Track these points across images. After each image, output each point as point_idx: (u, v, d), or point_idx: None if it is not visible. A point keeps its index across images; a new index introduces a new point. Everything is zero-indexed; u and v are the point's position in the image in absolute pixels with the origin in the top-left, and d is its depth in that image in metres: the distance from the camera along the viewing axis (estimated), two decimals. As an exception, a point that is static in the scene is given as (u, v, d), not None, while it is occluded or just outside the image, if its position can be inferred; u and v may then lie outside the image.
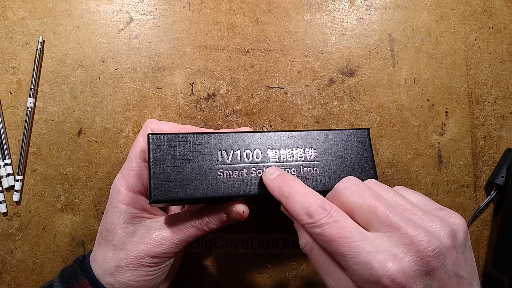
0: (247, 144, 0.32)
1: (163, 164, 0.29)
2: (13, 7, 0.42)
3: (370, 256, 0.22)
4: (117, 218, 0.31)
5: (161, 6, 0.42)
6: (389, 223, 0.23)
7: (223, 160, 0.31)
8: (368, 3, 0.44)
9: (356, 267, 0.22)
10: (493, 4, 0.44)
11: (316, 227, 0.24)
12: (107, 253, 0.31)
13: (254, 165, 0.31)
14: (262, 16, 0.43)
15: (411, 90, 0.43)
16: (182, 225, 0.31)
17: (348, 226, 0.23)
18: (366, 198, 0.24)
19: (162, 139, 0.30)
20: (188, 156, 0.30)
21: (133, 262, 0.30)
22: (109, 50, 0.42)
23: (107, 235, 0.32)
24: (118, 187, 0.32)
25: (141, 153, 0.32)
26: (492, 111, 0.43)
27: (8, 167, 0.40)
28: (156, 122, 0.33)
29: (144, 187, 0.32)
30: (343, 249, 0.23)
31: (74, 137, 0.41)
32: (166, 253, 0.31)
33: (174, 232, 0.31)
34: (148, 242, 0.30)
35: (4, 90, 0.41)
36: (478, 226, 0.43)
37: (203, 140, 0.31)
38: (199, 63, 0.42)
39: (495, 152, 0.43)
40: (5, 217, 0.40)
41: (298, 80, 0.43)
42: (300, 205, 0.25)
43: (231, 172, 0.30)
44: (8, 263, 0.40)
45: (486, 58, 0.43)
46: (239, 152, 0.31)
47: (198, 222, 0.31)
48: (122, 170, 0.32)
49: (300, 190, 0.26)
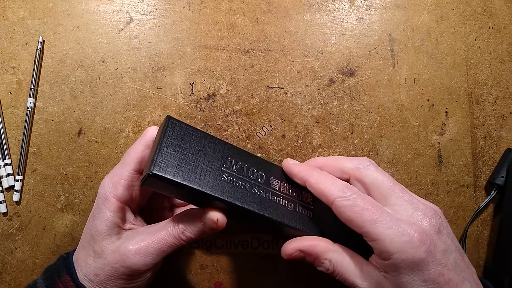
0: (255, 165, 0.33)
1: (173, 147, 0.29)
2: (13, 7, 0.42)
3: (400, 222, 0.27)
4: (101, 225, 0.31)
5: (161, 6, 0.42)
6: (404, 199, 0.29)
7: (230, 166, 0.31)
8: (368, 3, 0.44)
9: (388, 231, 0.26)
10: (493, 4, 0.44)
11: (348, 199, 0.28)
12: (88, 258, 0.31)
13: (256, 184, 0.32)
14: (262, 16, 0.43)
15: (411, 90, 0.43)
16: (158, 234, 0.30)
17: (374, 201, 0.28)
18: (386, 176, 0.30)
19: (181, 127, 0.30)
20: (199, 151, 0.30)
21: (110, 273, 0.30)
22: (109, 50, 0.42)
23: (90, 240, 0.31)
24: (106, 194, 0.31)
25: (138, 164, 0.31)
26: (492, 111, 0.43)
27: (8, 167, 0.40)
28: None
29: (131, 198, 0.32)
30: (375, 216, 0.27)
31: (74, 137, 0.41)
32: (142, 264, 0.30)
33: (151, 242, 0.30)
34: (124, 252, 0.30)
35: (4, 90, 0.41)
36: (478, 226, 0.43)
37: (217, 144, 0.32)
38: (199, 63, 0.42)
39: (495, 152, 0.43)
40: (5, 217, 0.40)
41: (298, 80, 0.43)
42: (331, 184, 0.29)
43: (235, 180, 0.31)
44: (8, 263, 0.40)
45: (486, 58, 0.43)
46: (246, 167, 0.32)
47: (174, 230, 0.30)
48: (113, 175, 0.32)
49: (328, 175, 0.31)
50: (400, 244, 0.26)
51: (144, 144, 0.31)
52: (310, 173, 0.31)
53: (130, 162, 0.31)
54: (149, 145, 0.31)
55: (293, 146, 0.42)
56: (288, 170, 0.33)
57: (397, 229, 0.26)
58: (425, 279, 0.26)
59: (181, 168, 0.28)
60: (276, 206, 0.32)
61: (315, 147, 0.42)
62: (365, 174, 0.30)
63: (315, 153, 0.42)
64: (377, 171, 0.30)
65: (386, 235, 0.26)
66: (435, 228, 0.27)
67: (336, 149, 0.42)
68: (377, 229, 0.26)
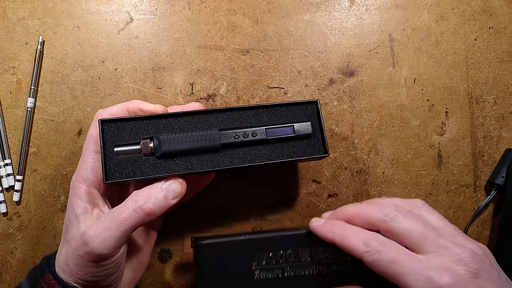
0: (282, 245, 0.34)
1: (209, 270, 0.33)
2: (13, 7, 0.42)
3: (429, 272, 0.26)
4: (71, 214, 0.31)
5: (161, 6, 0.42)
6: (438, 245, 0.27)
7: (259, 262, 0.33)
8: (368, 3, 0.44)
9: (417, 284, 0.26)
10: (493, 4, 0.44)
11: (374, 253, 0.27)
12: (62, 248, 0.31)
13: (288, 265, 0.33)
14: (262, 16, 0.43)
15: (411, 90, 0.43)
16: (117, 213, 0.29)
17: (402, 249, 0.28)
18: (416, 224, 0.28)
19: (210, 246, 0.33)
20: (229, 261, 0.33)
21: (77, 261, 0.29)
22: (109, 50, 0.42)
23: (65, 231, 0.31)
24: (73, 182, 0.31)
25: (94, 144, 0.32)
26: (492, 111, 0.43)
27: (8, 167, 0.40)
28: (105, 110, 0.33)
29: (98, 179, 0.32)
30: (403, 269, 0.26)
31: (74, 137, 0.41)
32: (102, 248, 0.28)
33: (109, 223, 0.28)
34: (85, 237, 0.28)
35: (4, 90, 0.41)
36: (478, 226, 0.43)
37: (242, 245, 0.33)
38: (199, 63, 0.42)
39: (495, 152, 0.43)
40: (5, 217, 0.40)
41: (298, 80, 0.43)
42: (355, 239, 0.29)
43: (266, 273, 0.33)
44: (8, 263, 0.40)
45: (486, 58, 0.43)
46: (272, 254, 0.34)
47: (134, 204, 0.29)
48: (78, 166, 0.32)
49: (351, 228, 0.30)
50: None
51: (95, 124, 0.32)
52: (333, 232, 0.31)
53: (87, 146, 0.32)
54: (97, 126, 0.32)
55: (293, 146, 0.42)
56: (314, 233, 0.33)
57: (425, 280, 0.26)
58: None
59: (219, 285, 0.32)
60: (309, 278, 0.33)
61: (315, 147, 0.42)
62: (393, 227, 0.29)
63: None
64: (405, 220, 0.29)
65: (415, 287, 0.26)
66: (472, 273, 0.26)
67: (336, 149, 0.42)
68: (405, 282, 0.26)
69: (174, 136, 0.31)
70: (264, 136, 0.33)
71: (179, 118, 0.32)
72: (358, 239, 0.29)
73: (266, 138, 0.33)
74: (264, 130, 0.33)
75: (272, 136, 0.33)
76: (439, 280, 0.25)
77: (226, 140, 0.32)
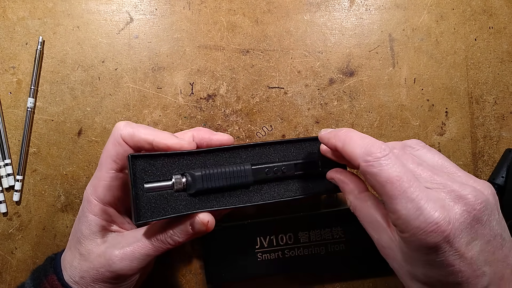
0: (282, 227, 0.38)
1: (217, 254, 0.38)
2: (13, 7, 0.42)
3: (421, 203, 0.23)
4: (85, 229, 0.30)
5: (161, 6, 0.42)
6: (434, 183, 0.25)
7: (261, 245, 0.38)
8: (368, 3, 0.44)
9: (405, 211, 0.24)
10: (493, 4, 0.44)
11: (373, 166, 0.25)
12: (74, 260, 0.31)
13: (288, 247, 0.38)
14: (262, 16, 0.43)
15: (411, 90, 0.43)
16: (145, 239, 0.30)
17: (406, 170, 0.25)
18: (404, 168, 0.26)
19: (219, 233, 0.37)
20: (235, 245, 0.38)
21: (95, 276, 0.30)
22: (109, 50, 0.42)
23: (76, 242, 0.31)
24: (88, 196, 0.31)
25: (112, 163, 0.30)
26: (492, 111, 0.43)
27: (8, 167, 0.40)
28: (126, 127, 0.30)
29: (115, 198, 0.31)
30: (397, 192, 0.24)
31: (74, 137, 0.41)
32: (128, 269, 0.29)
33: (137, 247, 0.29)
34: (110, 257, 0.29)
35: (4, 90, 0.41)
36: (478, 226, 0.43)
37: (245, 229, 0.38)
38: (199, 63, 0.42)
39: (495, 152, 0.43)
40: (5, 217, 0.40)
41: (298, 80, 0.43)
42: (359, 145, 0.26)
43: (268, 255, 0.38)
44: (8, 263, 0.40)
45: (486, 58, 0.43)
46: (274, 237, 0.38)
47: (162, 235, 0.30)
48: (93, 178, 0.31)
49: (358, 134, 0.27)
50: (414, 227, 0.23)
51: (113, 141, 0.30)
52: (337, 136, 0.28)
53: (105, 163, 0.30)
54: (119, 142, 0.30)
55: (293, 146, 0.42)
56: (321, 141, 0.31)
57: (415, 211, 0.23)
58: (430, 262, 0.24)
59: (226, 269, 0.37)
60: (308, 259, 0.38)
61: (315, 147, 0.42)
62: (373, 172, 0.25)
63: (315, 153, 0.42)
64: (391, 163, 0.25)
65: (401, 214, 0.24)
66: (471, 215, 0.23)
67: (336, 149, 0.42)
68: (394, 206, 0.24)
69: (208, 172, 0.30)
70: (294, 171, 0.33)
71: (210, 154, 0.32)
72: (363, 143, 0.26)
73: (295, 174, 0.33)
74: (293, 165, 0.33)
75: (300, 171, 0.34)
76: (429, 215, 0.23)
77: (258, 177, 0.32)
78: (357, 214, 0.30)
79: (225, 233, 0.37)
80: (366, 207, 0.29)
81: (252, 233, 0.37)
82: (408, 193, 0.24)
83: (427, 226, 0.23)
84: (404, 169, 0.25)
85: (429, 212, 0.23)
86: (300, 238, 0.37)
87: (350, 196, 0.30)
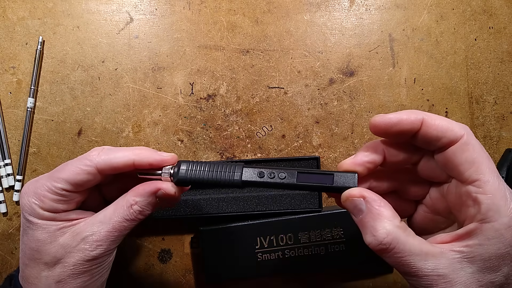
0: (282, 228, 0.38)
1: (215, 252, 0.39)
2: (13, 7, 0.42)
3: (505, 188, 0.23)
4: (41, 234, 0.27)
5: (161, 6, 0.42)
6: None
7: (261, 245, 0.38)
8: (368, 3, 0.44)
9: (498, 192, 0.22)
10: (493, 4, 0.44)
11: (472, 145, 0.23)
12: (41, 272, 0.28)
13: (288, 247, 0.38)
14: (262, 16, 0.43)
15: (411, 90, 0.43)
16: (112, 220, 0.28)
17: None
18: None
19: (213, 232, 0.38)
20: (234, 244, 0.38)
21: (74, 272, 0.28)
22: (109, 50, 0.42)
23: (33, 254, 0.28)
24: (32, 206, 0.27)
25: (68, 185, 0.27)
26: (492, 111, 0.43)
27: (8, 167, 0.40)
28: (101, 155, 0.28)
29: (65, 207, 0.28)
30: (489, 171, 0.23)
31: (74, 137, 0.41)
32: (105, 252, 0.28)
33: (107, 229, 0.28)
34: (84, 248, 0.27)
35: (4, 90, 0.41)
36: (478, 226, 0.43)
37: (245, 229, 0.38)
38: (199, 63, 0.42)
39: (495, 152, 0.43)
40: (5, 217, 0.40)
41: (298, 80, 0.43)
42: (453, 122, 0.24)
43: (268, 255, 0.38)
44: (8, 263, 0.40)
45: (486, 58, 0.43)
46: (274, 237, 0.39)
47: (127, 208, 0.28)
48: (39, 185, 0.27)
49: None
50: (510, 209, 0.21)
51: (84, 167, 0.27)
52: (422, 113, 0.24)
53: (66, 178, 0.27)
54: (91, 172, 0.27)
55: (293, 146, 0.42)
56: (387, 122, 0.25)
57: (505, 192, 0.22)
58: None
59: (225, 270, 0.38)
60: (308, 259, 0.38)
61: (315, 147, 0.42)
62: None
63: (315, 153, 0.42)
64: None
65: (498, 192, 0.22)
66: None
67: (336, 149, 0.42)
68: (488, 185, 0.22)
69: (196, 164, 0.29)
70: (294, 181, 0.27)
71: None
72: (456, 123, 0.24)
73: (296, 183, 0.27)
74: (296, 173, 0.27)
75: (303, 183, 0.27)
76: None
77: (248, 178, 0.28)
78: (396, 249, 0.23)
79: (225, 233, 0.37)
80: (408, 236, 0.23)
81: (252, 233, 0.37)
82: (496, 175, 0.23)
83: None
84: None
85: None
86: (300, 238, 0.37)
87: (387, 224, 0.23)
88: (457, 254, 0.22)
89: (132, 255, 0.41)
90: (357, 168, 0.26)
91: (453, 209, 0.25)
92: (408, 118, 0.24)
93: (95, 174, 0.27)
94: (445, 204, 0.26)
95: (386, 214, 0.24)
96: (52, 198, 0.27)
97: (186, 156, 0.42)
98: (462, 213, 0.24)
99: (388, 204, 0.24)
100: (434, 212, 0.27)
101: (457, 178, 0.24)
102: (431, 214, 0.27)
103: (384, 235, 0.23)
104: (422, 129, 0.24)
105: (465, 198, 0.23)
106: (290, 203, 0.39)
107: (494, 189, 0.22)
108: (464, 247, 0.22)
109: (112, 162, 0.27)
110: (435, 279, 0.22)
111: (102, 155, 0.27)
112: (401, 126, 0.24)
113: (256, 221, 0.38)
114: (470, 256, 0.22)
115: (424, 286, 0.23)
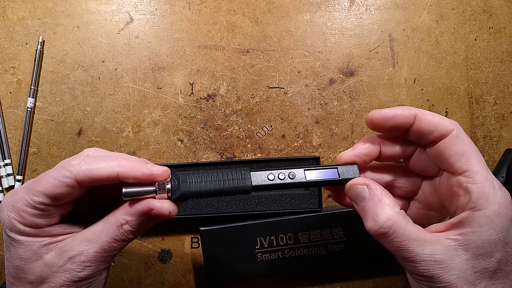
0: (282, 228, 0.38)
1: (215, 254, 0.38)
2: (13, 7, 0.42)
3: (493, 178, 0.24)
4: (24, 252, 0.26)
5: (161, 6, 0.42)
6: None
7: (261, 245, 0.38)
8: (368, 3, 0.44)
9: (486, 181, 0.23)
10: (493, 4, 0.44)
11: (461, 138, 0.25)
12: None
13: (288, 247, 0.38)
14: (262, 16, 0.43)
15: (411, 90, 0.43)
16: (101, 240, 0.26)
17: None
18: None
19: (214, 231, 0.38)
20: (233, 245, 0.38)
21: None
22: (109, 50, 0.42)
23: (17, 272, 0.26)
24: (12, 222, 0.25)
25: (45, 198, 0.25)
26: (492, 111, 0.43)
27: (8, 167, 0.40)
28: (81, 166, 0.25)
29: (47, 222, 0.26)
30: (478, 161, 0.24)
31: (74, 137, 0.41)
32: (93, 273, 0.26)
33: (95, 249, 0.26)
34: (71, 268, 0.25)
35: (4, 90, 0.41)
36: (478, 226, 0.43)
37: (245, 229, 0.38)
38: (199, 63, 0.42)
39: (495, 152, 0.43)
40: (5, 217, 0.40)
41: (298, 80, 0.43)
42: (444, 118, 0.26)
43: (268, 255, 0.38)
44: (8, 263, 0.40)
45: (486, 58, 0.43)
46: (274, 237, 0.38)
47: (116, 228, 0.26)
48: (17, 199, 0.25)
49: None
50: (499, 197, 0.23)
51: (62, 179, 0.24)
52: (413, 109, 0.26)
53: (44, 191, 0.25)
54: (70, 184, 0.24)
55: (293, 146, 0.42)
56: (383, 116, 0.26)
57: (493, 182, 0.23)
58: None
59: (226, 270, 0.38)
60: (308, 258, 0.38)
61: (315, 147, 0.42)
62: None
63: (315, 153, 0.42)
64: None
65: (487, 181, 0.23)
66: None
67: (336, 149, 0.42)
68: (477, 175, 0.23)
69: (197, 175, 0.26)
70: (304, 179, 0.27)
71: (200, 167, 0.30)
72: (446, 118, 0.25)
73: (306, 181, 0.27)
74: (303, 171, 0.27)
75: (313, 179, 0.27)
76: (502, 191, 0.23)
77: (259, 182, 0.26)
78: (396, 233, 0.24)
79: (225, 233, 0.37)
80: (407, 222, 0.24)
81: (252, 233, 0.37)
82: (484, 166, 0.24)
83: (506, 201, 0.23)
84: None
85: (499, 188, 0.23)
86: (300, 238, 0.37)
87: (388, 210, 0.24)
88: (452, 242, 0.23)
89: (132, 255, 0.41)
90: (356, 160, 0.27)
91: (445, 201, 0.26)
92: (402, 113, 0.25)
93: (75, 186, 0.24)
94: (437, 198, 0.27)
95: (387, 201, 0.25)
96: (32, 213, 0.25)
97: (186, 156, 0.42)
98: (453, 204, 0.25)
99: (388, 193, 0.26)
100: (426, 207, 0.28)
101: (448, 169, 0.25)
102: (424, 209, 0.28)
103: (385, 219, 0.24)
104: (415, 123, 0.25)
105: (456, 188, 0.24)
106: (290, 203, 0.39)
107: (483, 179, 0.23)
108: (458, 235, 0.23)
109: (94, 173, 0.24)
110: (432, 265, 0.23)
111: (83, 165, 0.24)
112: (395, 120, 0.26)
113: (256, 221, 0.38)
114: (464, 243, 0.23)
115: (421, 271, 0.23)
